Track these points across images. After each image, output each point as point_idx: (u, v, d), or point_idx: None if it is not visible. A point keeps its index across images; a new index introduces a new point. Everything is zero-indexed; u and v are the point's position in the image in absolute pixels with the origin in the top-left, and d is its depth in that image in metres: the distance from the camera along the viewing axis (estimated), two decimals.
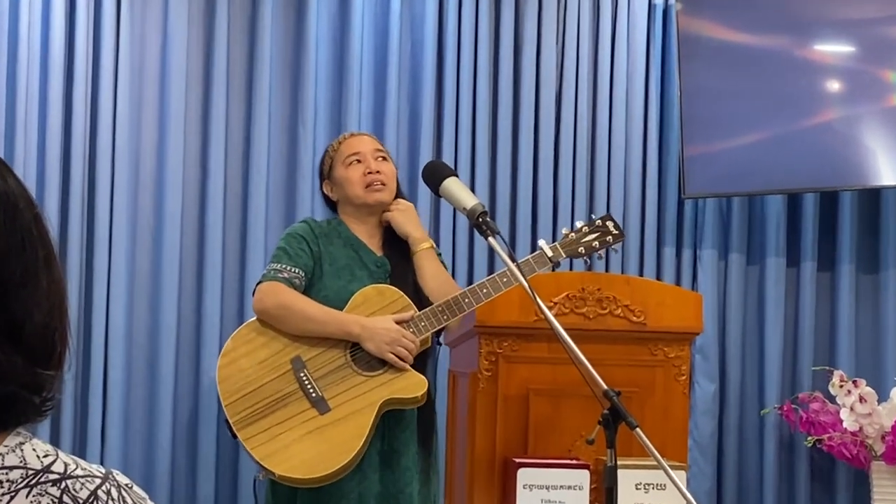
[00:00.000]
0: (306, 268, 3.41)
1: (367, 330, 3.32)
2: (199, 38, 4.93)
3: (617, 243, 3.51)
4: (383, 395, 3.33)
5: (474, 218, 2.92)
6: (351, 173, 3.51)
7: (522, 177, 5.13)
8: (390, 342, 3.31)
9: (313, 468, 3.26)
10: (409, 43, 5.08)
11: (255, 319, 3.41)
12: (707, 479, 5.14)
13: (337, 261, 3.45)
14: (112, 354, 4.74)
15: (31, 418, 1.12)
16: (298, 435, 3.29)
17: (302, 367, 3.34)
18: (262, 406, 3.31)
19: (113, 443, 4.71)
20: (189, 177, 4.88)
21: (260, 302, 3.37)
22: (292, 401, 3.32)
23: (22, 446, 1.11)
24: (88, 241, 4.77)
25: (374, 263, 3.46)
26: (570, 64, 5.19)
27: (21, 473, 1.09)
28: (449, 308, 3.35)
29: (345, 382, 3.34)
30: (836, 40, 5.11)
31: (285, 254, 3.42)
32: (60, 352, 1.15)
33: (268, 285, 3.37)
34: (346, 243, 3.48)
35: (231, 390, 3.32)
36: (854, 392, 4.78)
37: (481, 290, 3.37)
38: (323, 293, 3.40)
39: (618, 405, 2.54)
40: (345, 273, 3.43)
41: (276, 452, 3.28)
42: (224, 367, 3.35)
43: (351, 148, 3.55)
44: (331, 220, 3.56)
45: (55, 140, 4.70)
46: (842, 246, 5.29)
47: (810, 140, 5.06)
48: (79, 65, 4.75)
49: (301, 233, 3.47)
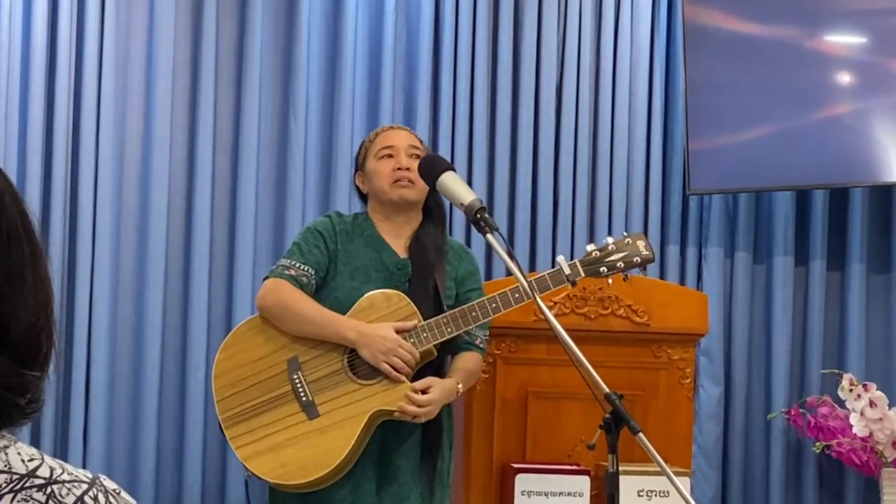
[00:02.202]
0: (318, 266, 3.38)
1: (363, 336, 3.27)
2: (187, 25, 4.87)
3: (645, 265, 3.40)
4: (375, 406, 3.29)
5: (472, 214, 2.87)
6: (381, 166, 3.47)
7: (521, 171, 5.08)
8: (386, 351, 3.26)
9: (294, 474, 3.25)
10: (404, 31, 5.03)
11: (258, 315, 3.40)
12: (711, 485, 5.10)
13: (354, 260, 3.41)
14: (95, 353, 4.67)
15: (15, 421, 1.12)
16: (284, 438, 3.28)
17: (297, 369, 3.32)
18: (252, 406, 3.30)
19: (95, 445, 4.65)
20: (175, 170, 4.83)
21: (262, 298, 3.37)
22: (282, 403, 3.30)
23: (6, 450, 1.10)
24: (71, 236, 4.71)
25: (396, 265, 3.41)
26: (572, 54, 5.13)
27: (5, 478, 1.08)
28: (455, 321, 3.31)
29: (337, 388, 3.31)
30: (847, 31, 5.06)
31: (298, 250, 3.40)
32: (46, 352, 1.14)
33: (272, 282, 3.36)
34: (368, 242, 3.44)
35: (224, 386, 3.33)
36: (864, 396, 4.74)
37: (490, 304, 3.33)
38: (334, 294, 3.38)
39: (620, 409, 2.50)
40: (359, 274, 3.39)
41: (260, 454, 3.27)
42: (221, 363, 3.35)
43: (385, 141, 3.51)
44: (357, 216, 3.53)
45: (37, 131, 4.64)
46: (852, 244, 5.25)
47: (820, 134, 5.02)
48: (61, 52, 4.68)
49: (320, 228, 3.45)
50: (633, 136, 5.17)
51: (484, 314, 3.30)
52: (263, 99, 4.88)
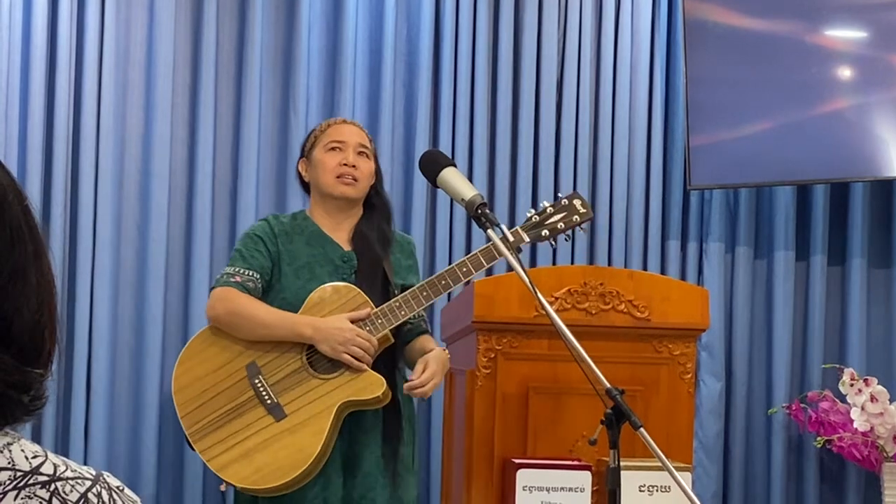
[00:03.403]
0: (262, 269, 3.35)
1: (319, 331, 3.24)
2: (187, 20, 4.87)
3: (584, 222, 3.38)
4: (341, 398, 3.26)
5: (473, 209, 2.85)
6: (328, 159, 3.43)
7: (522, 167, 5.07)
8: (343, 342, 3.23)
9: (269, 478, 3.22)
10: (405, 26, 5.03)
11: (209, 327, 3.36)
12: (713, 480, 5.10)
13: (297, 259, 3.39)
14: (96, 349, 4.67)
15: (19, 418, 1.11)
16: (254, 444, 3.25)
17: (257, 373, 3.29)
18: (218, 416, 3.27)
19: (97, 442, 4.65)
20: (176, 166, 4.82)
21: (212, 309, 3.32)
22: (248, 409, 3.27)
23: (10, 447, 1.10)
24: (72, 233, 4.71)
25: (341, 258, 3.39)
26: (573, 49, 5.13)
27: (9, 475, 1.08)
28: (406, 303, 3.29)
29: (301, 386, 3.28)
30: (847, 26, 5.05)
31: (240, 256, 3.37)
32: (49, 349, 1.13)
33: (219, 290, 3.32)
34: (310, 240, 3.42)
35: (186, 401, 3.29)
36: (865, 391, 4.74)
37: (440, 281, 3.30)
38: (282, 295, 3.35)
39: (621, 404, 2.49)
40: (304, 272, 3.37)
41: (233, 463, 3.24)
42: (179, 377, 3.31)
43: (336, 134, 3.48)
44: (296, 215, 3.51)
45: (37, 127, 4.64)
46: (853, 239, 5.25)
47: (821, 129, 5.01)
48: (62, 48, 4.68)
49: (258, 233, 3.41)
50: (633, 131, 5.16)
51: (435, 292, 3.27)
52: (264, 95, 4.88)
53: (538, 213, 3.38)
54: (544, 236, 3.35)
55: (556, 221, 3.37)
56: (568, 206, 3.39)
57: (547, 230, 3.35)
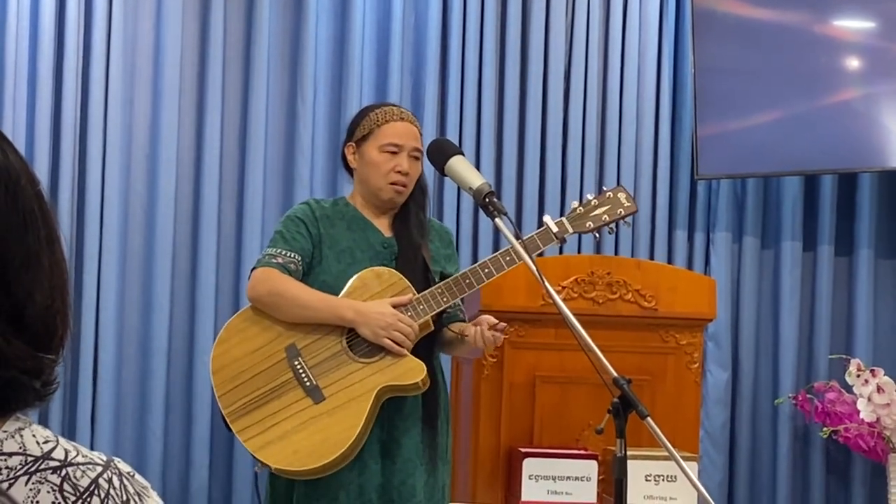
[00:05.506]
0: (303, 252, 3.33)
1: (361, 315, 3.22)
2: (195, 8, 4.86)
3: (629, 216, 3.38)
4: (380, 382, 3.24)
5: (481, 198, 2.85)
6: (383, 162, 3.36)
7: (530, 156, 5.06)
8: (385, 327, 3.21)
9: (306, 460, 3.20)
10: (412, 15, 5.01)
11: (249, 307, 3.34)
12: (719, 470, 5.10)
13: (338, 243, 3.36)
14: (103, 337, 4.68)
15: (30, 404, 1.11)
16: (292, 426, 3.23)
17: (297, 355, 3.27)
18: (256, 397, 3.25)
19: (103, 428, 4.65)
20: (183, 153, 4.81)
21: (253, 289, 3.30)
22: (286, 390, 3.25)
23: (21, 432, 1.10)
24: (79, 220, 4.71)
25: (382, 244, 3.38)
26: (580, 38, 5.11)
27: (20, 460, 1.08)
28: (449, 290, 3.26)
29: (340, 370, 3.26)
30: (856, 16, 5.03)
31: (281, 238, 3.34)
32: (61, 335, 1.13)
33: (261, 271, 3.30)
34: (351, 224, 3.40)
35: (224, 381, 3.27)
36: (871, 381, 4.73)
37: (483, 269, 3.28)
38: (322, 277, 3.32)
39: (628, 393, 2.49)
40: (345, 256, 3.35)
41: (270, 444, 3.22)
42: (218, 357, 3.29)
43: (394, 136, 3.37)
44: (337, 201, 3.48)
45: (45, 115, 4.64)
46: (860, 230, 5.24)
47: (828, 119, 5.00)
48: (69, 36, 4.67)
49: (300, 215, 3.38)
50: (641, 121, 5.15)
51: (478, 279, 3.26)
52: (271, 83, 4.87)
53: (582, 206, 3.37)
54: (589, 228, 3.35)
55: (600, 213, 3.36)
56: (612, 199, 3.38)
57: (591, 222, 3.35)
